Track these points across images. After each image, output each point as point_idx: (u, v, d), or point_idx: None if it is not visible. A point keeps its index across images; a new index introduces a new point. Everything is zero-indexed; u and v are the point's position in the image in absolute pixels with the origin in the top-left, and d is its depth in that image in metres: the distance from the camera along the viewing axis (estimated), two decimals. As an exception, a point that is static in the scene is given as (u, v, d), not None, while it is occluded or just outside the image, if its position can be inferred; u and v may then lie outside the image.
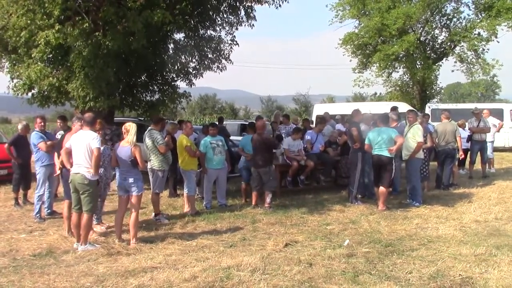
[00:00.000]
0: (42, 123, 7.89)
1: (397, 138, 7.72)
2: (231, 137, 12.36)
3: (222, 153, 8.27)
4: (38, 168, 7.67)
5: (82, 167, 5.65)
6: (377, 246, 5.67)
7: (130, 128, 5.99)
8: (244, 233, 6.46)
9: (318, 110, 18.29)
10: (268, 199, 8.05)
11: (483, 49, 20.66)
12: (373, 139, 7.89)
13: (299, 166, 9.36)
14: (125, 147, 5.95)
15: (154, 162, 7.42)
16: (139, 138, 6.30)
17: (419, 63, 21.91)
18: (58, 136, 8.06)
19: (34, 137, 7.75)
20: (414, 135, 8.22)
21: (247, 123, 15.00)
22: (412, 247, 5.63)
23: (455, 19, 21.93)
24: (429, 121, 12.05)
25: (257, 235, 6.33)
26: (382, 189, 7.80)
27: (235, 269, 4.82)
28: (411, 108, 14.35)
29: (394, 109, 10.18)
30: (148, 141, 7.37)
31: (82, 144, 5.65)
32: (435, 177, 10.00)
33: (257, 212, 7.76)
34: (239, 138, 11.44)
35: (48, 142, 7.63)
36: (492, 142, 12.31)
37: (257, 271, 4.76)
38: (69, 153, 5.86)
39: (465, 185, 10.13)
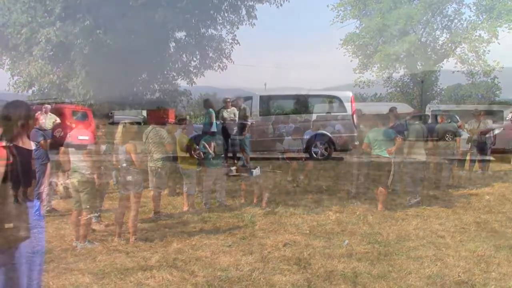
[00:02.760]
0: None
1: (397, 139, 7.71)
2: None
3: (222, 152, 8.27)
4: (38, 166, 7.63)
5: (79, 165, 5.65)
6: (376, 247, 5.67)
7: (118, 127, 6.00)
8: (243, 233, 6.45)
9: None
10: (265, 199, 8.06)
11: (484, 51, 20.67)
12: (372, 139, 7.88)
13: (298, 166, 9.36)
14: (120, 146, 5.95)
15: (158, 161, 7.41)
16: (139, 137, 6.29)
17: (419, 64, 21.91)
18: (56, 133, 8.06)
19: (34, 135, 7.72)
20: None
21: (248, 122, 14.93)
22: (411, 248, 5.63)
23: (456, 21, 21.96)
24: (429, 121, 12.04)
25: (256, 235, 6.32)
26: (381, 189, 7.80)
27: (234, 268, 4.83)
28: (410, 109, 14.35)
29: (392, 109, 10.17)
30: (155, 138, 7.37)
31: (77, 142, 5.65)
32: (434, 178, 9.99)
33: (256, 212, 7.75)
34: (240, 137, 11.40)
35: (49, 140, 7.61)
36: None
37: (256, 270, 4.77)
38: (65, 153, 5.86)
39: (465, 186, 10.12)
